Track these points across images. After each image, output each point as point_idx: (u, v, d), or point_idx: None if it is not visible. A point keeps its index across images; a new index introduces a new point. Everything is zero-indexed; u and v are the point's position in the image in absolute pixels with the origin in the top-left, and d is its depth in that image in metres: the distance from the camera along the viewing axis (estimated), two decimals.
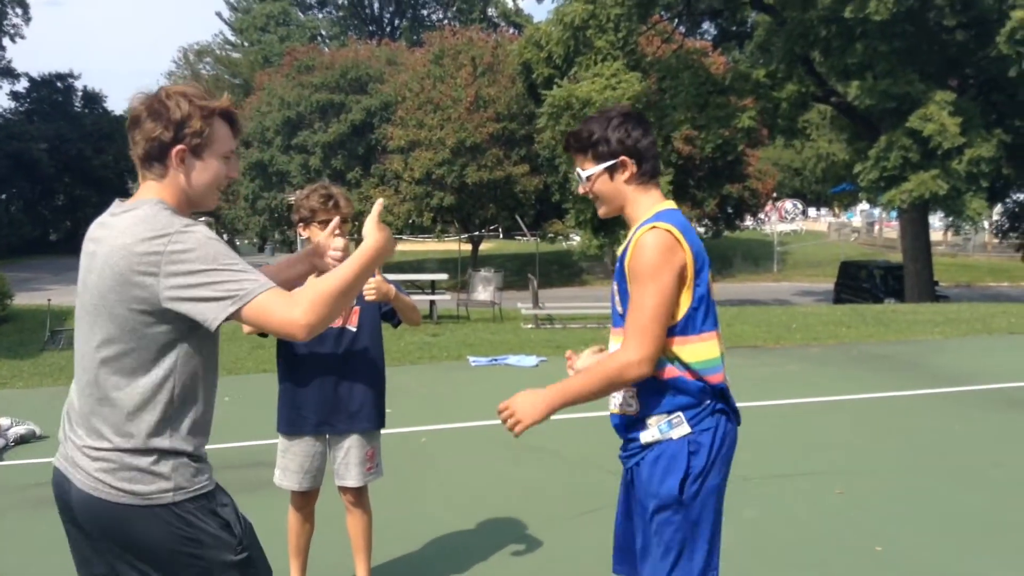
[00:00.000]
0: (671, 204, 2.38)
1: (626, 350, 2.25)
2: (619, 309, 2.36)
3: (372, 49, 41.28)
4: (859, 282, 24.90)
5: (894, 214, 41.62)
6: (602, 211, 2.43)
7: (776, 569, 4.05)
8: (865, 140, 21.06)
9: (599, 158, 2.34)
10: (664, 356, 2.27)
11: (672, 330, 2.26)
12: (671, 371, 2.28)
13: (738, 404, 2.45)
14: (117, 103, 59.25)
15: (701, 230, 38.39)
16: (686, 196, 32.34)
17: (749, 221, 40.28)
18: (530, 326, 13.63)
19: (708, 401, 2.31)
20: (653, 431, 2.34)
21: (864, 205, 43.29)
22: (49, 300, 13.45)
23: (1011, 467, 5.60)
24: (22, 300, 16.49)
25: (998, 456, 5.87)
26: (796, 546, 4.33)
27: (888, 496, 5.05)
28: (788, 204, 50.81)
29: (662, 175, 15.58)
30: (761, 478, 5.38)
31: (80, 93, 54.51)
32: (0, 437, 6.50)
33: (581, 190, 2.44)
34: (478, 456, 6.13)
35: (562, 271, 35.42)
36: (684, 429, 2.30)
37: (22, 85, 52.92)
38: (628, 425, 2.39)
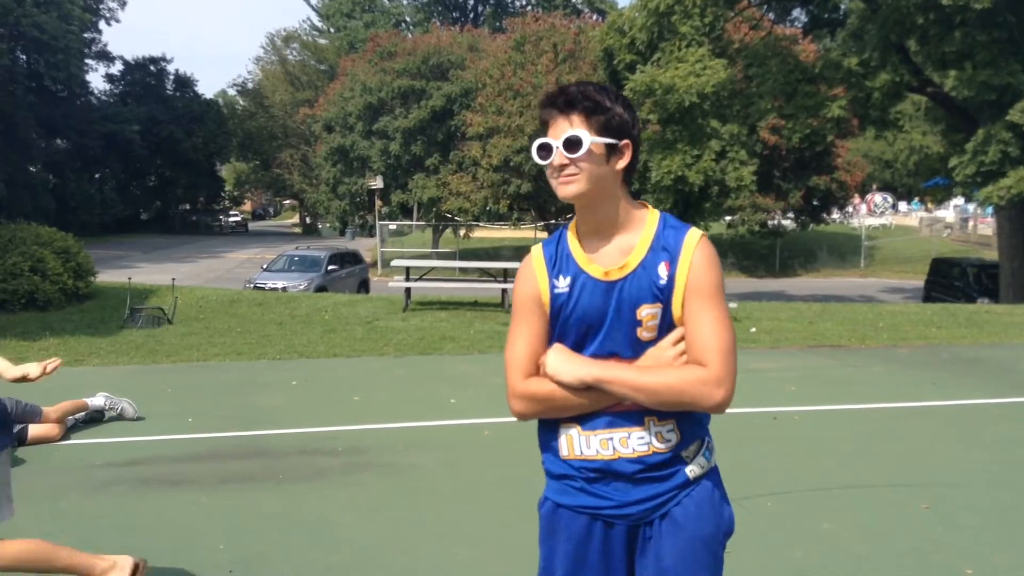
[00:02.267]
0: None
1: (713, 370, 1.92)
2: (645, 335, 1.97)
3: (454, 35, 41.32)
4: (951, 280, 23.84)
5: (989, 210, 39.95)
6: (571, 190, 1.97)
7: None
8: (962, 133, 20.13)
9: (604, 130, 1.96)
10: None
11: None
12: None
13: (818, 407, 2.21)
14: (207, 87, 60.82)
15: (787, 223, 37.48)
16: (771, 187, 31.56)
17: (836, 214, 39.12)
18: None
19: None
20: (699, 461, 2.04)
21: (958, 200, 41.61)
22: (130, 278, 13.75)
23: None
24: (112, 277, 16.93)
25: None
26: (876, 563, 4.04)
27: (978, 513, 4.70)
28: (878, 197, 49.18)
29: (746, 165, 15.02)
30: (841, 488, 5.08)
31: (172, 76, 56.02)
32: (111, 409, 6.60)
33: (558, 159, 1.96)
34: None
35: None
36: (714, 454, 2.10)
37: (117, 68, 54.69)
38: (656, 466, 1.99)
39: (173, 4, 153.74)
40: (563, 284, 2.04)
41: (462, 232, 38.81)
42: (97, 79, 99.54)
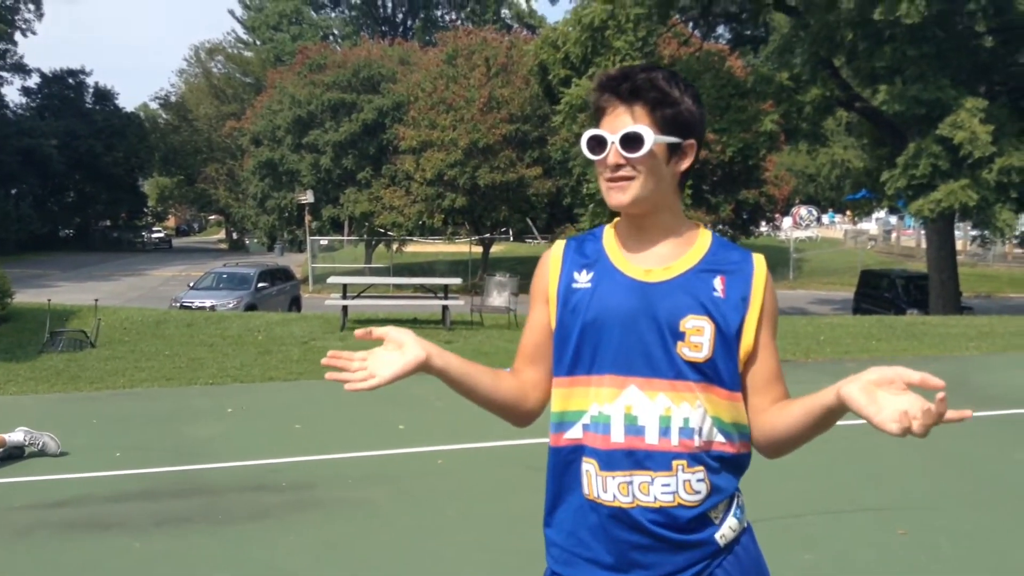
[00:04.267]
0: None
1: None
2: (688, 352, 1.64)
3: (384, 48, 40.94)
4: (880, 292, 24.30)
5: (910, 222, 41.15)
6: (624, 199, 1.65)
7: None
8: (887, 147, 20.51)
9: (670, 126, 1.65)
10: (746, 426, 1.72)
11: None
12: (748, 446, 1.73)
13: None
14: (128, 100, 59.30)
15: None
16: (701, 201, 31.85)
17: (765, 227, 39.71)
18: None
19: None
20: (730, 523, 1.69)
21: (880, 213, 42.72)
22: (49, 300, 13.02)
23: None
24: (30, 297, 16.10)
25: None
26: None
27: (956, 538, 4.55)
28: (803, 210, 50.22)
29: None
30: (816, 515, 4.89)
31: (91, 90, 54.50)
32: (31, 444, 6.05)
33: (613, 158, 1.65)
34: (502, 481, 5.65)
35: None
36: (745, 512, 1.76)
37: (33, 81, 53.01)
38: (680, 525, 1.64)
39: (92, 16, 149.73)
40: (584, 278, 1.73)
41: (395, 247, 38.29)
42: (12, 92, 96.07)
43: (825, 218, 56.97)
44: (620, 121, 1.66)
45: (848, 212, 52.22)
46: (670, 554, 1.64)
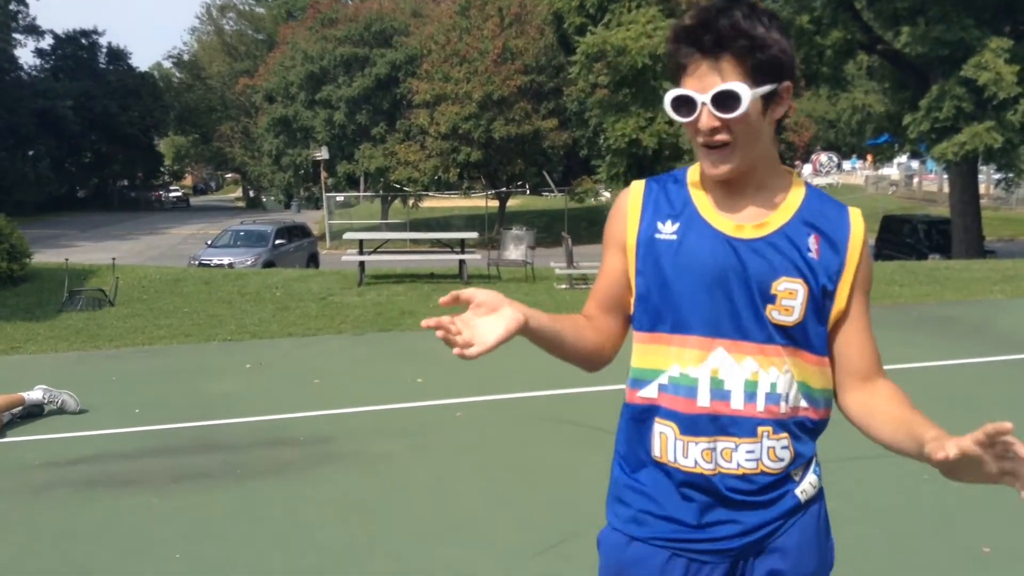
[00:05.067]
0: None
1: (893, 384, 1.63)
2: (777, 316, 1.54)
3: (397, 1, 40.39)
4: (902, 237, 24.03)
5: (931, 166, 40.53)
6: (726, 169, 1.52)
7: (874, 573, 3.51)
8: (909, 90, 20.11)
9: (764, 73, 1.46)
10: (832, 391, 1.64)
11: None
12: (829, 412, 1.65)
13: None
14: (141, 59, 59.00)
15: None
16: None
17: None
18: (564, 286, 13.07)
19: None
20: (810, 479, 1.62)
21: (902, 158, 42.10)
22: (67, 259, 13.04)
23: None
24: (49, 257, 16.15)
25: None
26: (890, 545, 3.79)
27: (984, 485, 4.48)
28: (823, 157, 49.61)
29: None
30: (838, 461, 4.81)
31: (105, 50, 54.25)
32: (51, 402, 6.09)
33: (707, 121, 1.48)
34: (521, 433, 5.62)
35: (592, 228, 34.66)
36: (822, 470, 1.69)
37: (47, 42, 52.80)
38: (763, 488, 1.57)
39: None
40: (669, 229, 1.59)
41: (411, 202, 38.18)
42: (26, 54, 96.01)
43: (847, 164, 56.24)
44: (708, 78, 1.46)
45: (869, 157, 51.59)
46: (749, 512, 1.58)
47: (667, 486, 1.59)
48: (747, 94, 1.44)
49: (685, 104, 1.49)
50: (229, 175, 79.21)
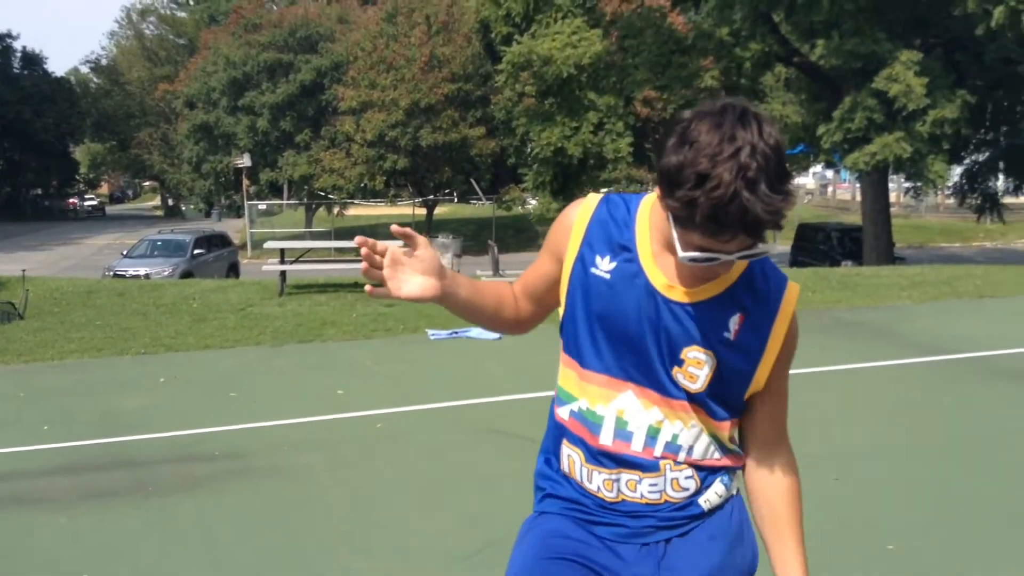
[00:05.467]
0: None
1: (787, 444, 1.68)
2: (682, 380, 1.57)
3: (322, 7, 40.05)
4: (816, 244, 24.76)
5: (845, 176, 41.72)
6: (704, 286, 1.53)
7: None
8: (823, 102, 20.72)
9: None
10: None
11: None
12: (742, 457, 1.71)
13: None
14: (57, 64, 57.25)
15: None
16: (643, 159, 31.99)
17: None
18: None
19: None
20: (716, 488, 1.65)
21: (817, 168, 43.32)
22: None
23: (1011, 446, 5.22)
24: None
25: (993, 431, 5.50)
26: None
27: (889, 482, 4.63)
28: None
29: (622, 137, 14.98)
30: None
31: (19, 54, 52.40)
32: None
33: (723, 266, 1.48)
34: (441, 444, 5.60)
35: (519, 236, 34.86)
36: (736, 480, 1.72)
37: None
38: (667, 514, 1.64)
39: None
40: (605, 267, 1.58)
41: (336, 210, 37.80)
42: None
43: None
44: (736, 241, 1.39)
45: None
46: (649, 519, 1.63)
47: (576, 491, 1.65)
48: (762, 246, 1.42)
49: (707, 252, 1.42)
50: (147, 183, 77.28)
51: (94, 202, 64.39)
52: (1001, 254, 29.85)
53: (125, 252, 21.05)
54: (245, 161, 35.44)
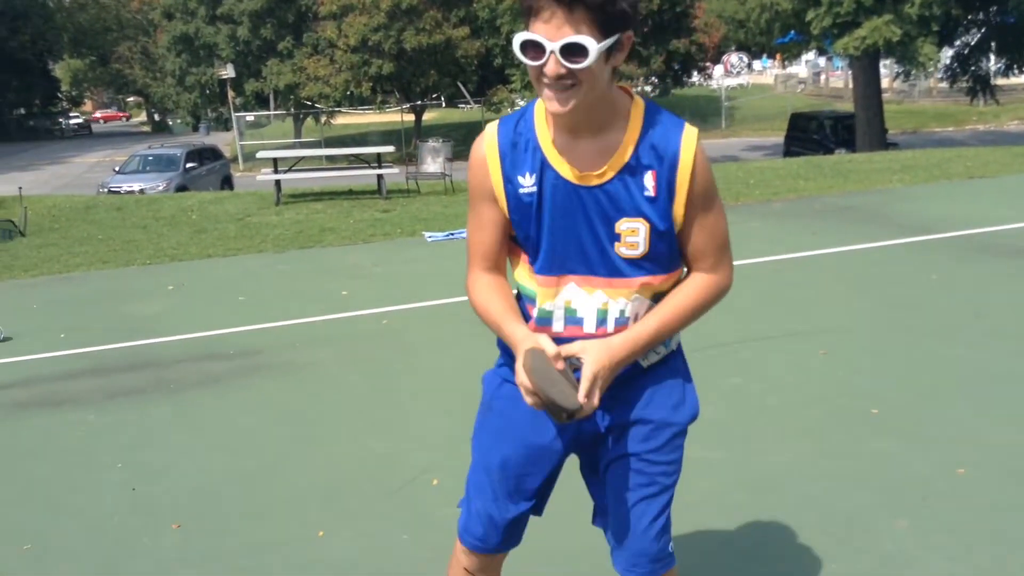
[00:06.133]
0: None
1: (724, 271, 1.82)
2: (624, 251, 1.72)
3: None
4: (809, 134, 24.70)
5: (838, 63, 41.13)
6: (567, 108, 1.59)
7: (770, 439, 3.85)
8: None
9: (609, 26, 1.53)
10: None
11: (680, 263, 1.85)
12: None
13: None
14: None
15: (648, 88, 37.71)
16: (633, 54, 31.54)
17: (696, 77, 39.56)
18: None
19: None
20: (656, 348, 1.85)
21: (810, 55, 42.73)
22: None
23: (990, 317, 5.46)
24: None
25: (975, 305, 5.73)
26: (787, 413, 4.14)
27: (873, 354, 4.88)
28: (734, 57, 49.89)
29: None
30: (740, 342, 5.17)
31: None
32: None
33: (553, 67, 1.54)
34: (444, 336, 5.83)
35: None
36: (676, 338, 1.92)
37: None
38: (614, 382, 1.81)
39: None
40: (528, 182, 1.73)
41: (324, 119, 37.44)
42: None
43: (757, 64, 56.72)
44: (558, 27, 1.51)
45: (778, 56, 52.17)
46: None
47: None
48: (594, 48, 1.51)
49: (533, 47, 1.55)
50: (131, 98, 75.97)
51: (79, 120, 63.50)
52: (994, 136, 29.82)
53: (117, 168, 20.99)
54: (229, 72, 34.91)
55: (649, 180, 1.69)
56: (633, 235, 1.71)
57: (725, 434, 3.91)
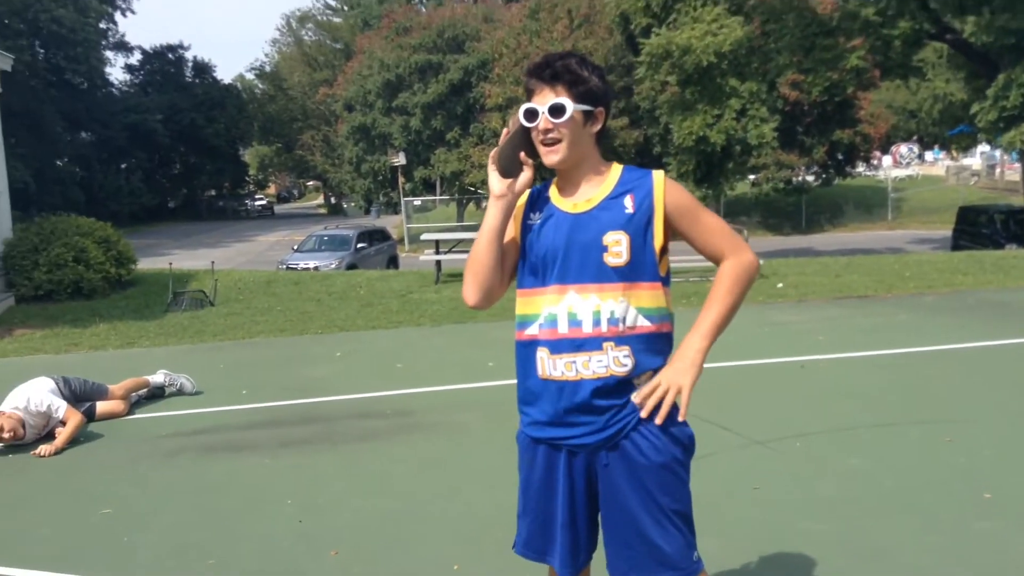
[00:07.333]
0: None
1: (742, 251, 2.29)
2: (612, 260, 2.22)
3: (468, 7, 41.32)
4: (979, 228, 23.76)
5: (1015, 155, 39.30)
6: (555, 159, 2.26)
7: (880, 516, 4.04)
8: (983, 79, 20.01)
9: (583, 99, 2.24)
10: (666, 309, 2.29)
11: (665, 281, 2.30)
12: (668, 326, 2.31)
13: (844, 354, 2.45)
14: (225, 72, 61.00)
15: (811, 178, 37.29)
16: (794, 143, 31.45)
17: (861, 167, 38.84)
18: None
19: None
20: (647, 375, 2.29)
21: (984, 147, 41.13)
22: (171, 264, 14.16)
23: None
24: (148, 264, 17.39)
25: None
26: (901, 494, 4.30)
27: (999, 444, 4.93)
28: (903, 148, 48.68)
29: (766, 122, 15.08)
30: (867, 427, 5.33)
31: (190, 63, 56.29)
32: (171, 384, 7.00)
33: (543, 123, 2.23)
34: None
35: None
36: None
37: (135, 58, 55.21)
38: (610, 390, 2.24)
39: None
40: (535, 218, 2.34)
41: (484, 204, 38.97)
42: (117, 71, 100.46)
43: (929, 155, 54.93)
44: (545, 97, 2.24)
45: (952, 148, 50.36)
46: (596, 415, 2.25)
47: (547, 392, 2.29)
48: (571, 107, 2.22)
49: (531, 114, 2.25)
50: (311, 183, 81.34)
51: (263, 202, 68.47)
52: None
53: (295, 247, 22.73)
54: (401, 160, 37.10)
55: (628, 201, 2.26)
56: (617, 245, 2.22)
57: (834, 510, 4.12)
